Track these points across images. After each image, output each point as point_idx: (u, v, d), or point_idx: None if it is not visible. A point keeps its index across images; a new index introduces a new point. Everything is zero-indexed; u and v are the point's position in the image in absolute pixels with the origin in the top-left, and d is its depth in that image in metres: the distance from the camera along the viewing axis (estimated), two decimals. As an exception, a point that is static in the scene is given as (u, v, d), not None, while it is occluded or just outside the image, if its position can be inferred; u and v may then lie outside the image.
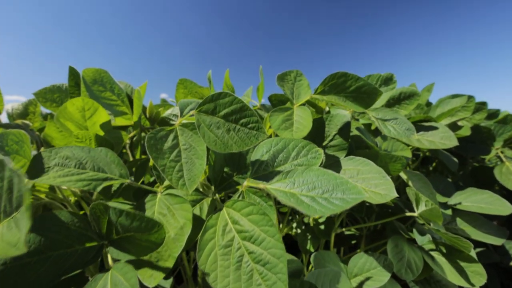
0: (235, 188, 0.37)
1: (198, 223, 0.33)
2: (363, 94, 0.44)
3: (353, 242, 0.66)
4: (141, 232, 0.26)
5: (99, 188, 0.29)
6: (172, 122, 0.50)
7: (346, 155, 0.51)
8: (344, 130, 0.51)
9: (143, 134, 0.50)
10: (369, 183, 0.42)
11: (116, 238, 0.29)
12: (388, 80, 0.51)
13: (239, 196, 0.33)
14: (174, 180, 0.30)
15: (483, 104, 0.84)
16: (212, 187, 0.39)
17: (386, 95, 0.50)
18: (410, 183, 0.48)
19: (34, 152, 0.33)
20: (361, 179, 0.44)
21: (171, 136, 0.34)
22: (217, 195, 0.37)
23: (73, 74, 0.43)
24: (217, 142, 0.31)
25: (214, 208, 0.37)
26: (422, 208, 0.42)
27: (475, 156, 0.69)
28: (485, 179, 0.73)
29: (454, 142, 0.55)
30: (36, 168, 0.29)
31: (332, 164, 0.49)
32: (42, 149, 0.37)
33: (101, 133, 0.41)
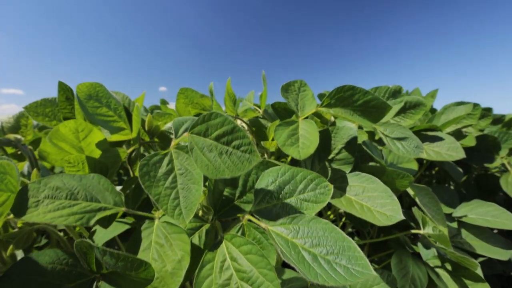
0: (236, 215, 0.36)
1: (197, 253, 0.32)
2: (371, 109, 0.42)
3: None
4: (128, 271, 0.24)
5: (92, 221, 0.28)
6: (171, 137, 0.48)
7: (352, 169, 0.50)
8: (351, 144, 0.49)
9: (142, 148, 0.48)
10: (375, 202, 0.41)
11: (107, 272, 0.27)
12: (396, 93, 0.49)
13: (239, 230, 0.32)
14: (170, 210, 0.28)
15: (489, 110, 0.83)
16: (212, 211, 0.38)
17: (394, 108, 0.49)
18: (417, 199, 0.47)
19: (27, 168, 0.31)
20: (367, 197, 0.42)
21: (165, 160, 0.32)
22: (217, 221, 0.36)
23: (63, 89, 0.40)
24: (209, 166, 0.29)
25: (214, 235, 0.35)
26: (429, 229, 0.42)
27: (480, 165, 0.68)
28: (489, 187, 0.73)
29: (461, 154, 0.53)
30: (23, 203, 0.27)
31: (338, 179, 0.48)
32: (34, 172, 0.36)
33: (98, 152, 0.39)
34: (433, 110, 0.83)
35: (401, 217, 0.37)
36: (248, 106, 0.74)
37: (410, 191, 0.47)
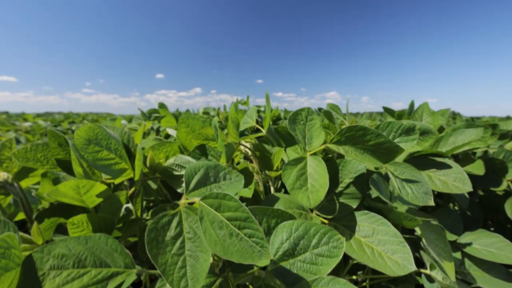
0: (250, 270, 0.35)
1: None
2: (383, 150, 0.41)
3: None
4: None
5: (104, 295, 0.27)
6: (175, 173, 0.46)
7: (359, 204, 0.49)
8: (359, 180, 0.48)
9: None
10: (386, 247, 0.40)
11: None
12: (410, 131, 0.47)
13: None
14: (176, 281, 0.27)
15: (495, 126, 0.82)
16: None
17: (406, 148, 0.47)
18: (423, 240, 0.46)
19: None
20: (377, 240, 0.42)
21: (174, 222, 0.31)
22: (230, 273, 0.35)
23: (54, 136, 0.38)
24: (217, 243, 0.28)
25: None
26: (437, 275, 0.41)
27: (486, 188, 0.67)
28: (492, 208, 0.73)
29: (467, 187, 0.53)
30: (28, 279, 0.26)
31: (346, 216, 0.47)
32: (33, 228, 0.34)
33: (98, 200, 0.38)
34: (441, 129, 0.82)
35: (414, 267, 0.37)
36: (250, 125, 0.72)
37: (418, 230, 0.47)
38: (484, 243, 0.55)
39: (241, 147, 0.60)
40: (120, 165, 0.41)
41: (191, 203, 0.33)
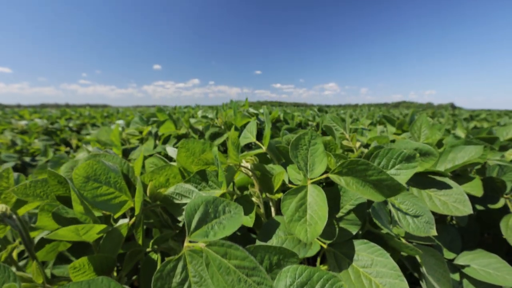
0: None
1: None
2: (384, 186, 0.40)
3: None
4: None
5: None
6: (176, 201, 0.46)
7: (359, 230, 0.49)
8: (360, 208, 0.48)
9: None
10: (384, 280, 0.41)
11: None
12: (410, 158, 0.47)
13: None
14: None
15: (494, 140, 0.82)
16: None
17: (406, 176, 0.47)
18: (424, 267, 0.47)
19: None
20: (376, 271, 0.42)
21: (179, 267, 0.31)
22: None
23: (53, 175, 0.38)
24: None
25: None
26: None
27: (483, 205, 0.68)
28: (490, 222, 0.74)
29: (468, 210, 0.53)
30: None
31: (345, 243, 0.47)
32: (33, 266, 0.34)
33: (99, 235, 0.37)
34: (439, 143, 0.81)
35: (410, 303, 0.37)
36: (251, 140, 0.71)
37: (418, 257, 0.47)
38: (482, 263, 0.56)
39: (242, 168, 0.60)
40: (120, 198, 0.41)
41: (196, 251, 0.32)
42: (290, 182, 0.60)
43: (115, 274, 0.41)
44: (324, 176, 0.46)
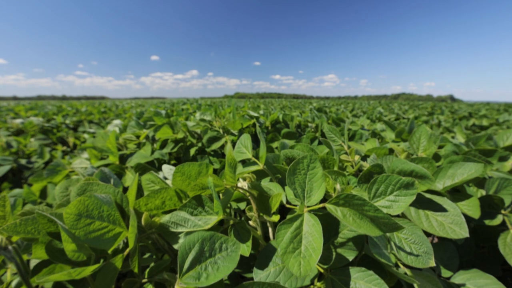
0: None
1: None
2: (381, 223, 0.40)
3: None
4: None
5: None
6: (171, 229, 0.45)
7: (357, 255, 0.49)
8: (358, 240, 0.48)
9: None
10: (381, 311, 0.41)
11: None
12: (409, 185, 0.46)
13: None
14: None
15: (493, 152, 0.81)
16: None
17: (405, 203, 0.46)
18: (420, 295, 0.47)
19: None
20: (372, 302, 0.42)
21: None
22: None
23: (42, 216, 0.37)
24: None
25: None
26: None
27: (481, 222, 0.68)
28: (486, 236, 0.74)
29: (464, 233, 0.53)
30: None
31: (342, 269, 0.47)
32: None
33: (94, 271, 0.37)
34: (436, 157, 0.81)
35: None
36: (246, 157, 0.70)
37: (415, 286, 0.47)
38: (478, 284, 0.56)
39: (239, 184, 0.59)
40: (114, 231, 0.40)
41: None
42: (288, 202, 0.60)
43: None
44: (322, 205, 0.46)
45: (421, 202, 0.60)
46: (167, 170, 0.60)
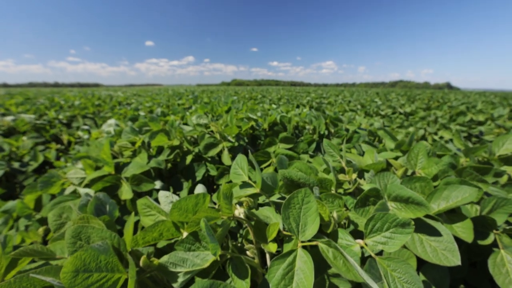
0: None
1: None
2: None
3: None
4: None
5: None
6: (170, 269, 0.46)
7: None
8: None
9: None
10: None
11: None
12: (405, 225, 0.47)
13: None
14: None
15: (488, 170, 0.82)
16: None
17: (401, 241, 0.47)
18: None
19: None
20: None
21: None
22: None
23: (34, 279, 0.36)
24: None
25: None
26: None
27: (474, 241, 0.70)
28: (477, 253, 0.76)
29: (456, 260, 0.54)
30: None
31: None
32: None
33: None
34: (434, 177, 0.81)
35: None
36: (243, 179, 0.70)
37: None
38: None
39: (236, 212, 0.59)
40: (113, 278, 0.40)
41: None
42: (284, 228, 0.60)
43: None
44: (314, 243, 0.46)
45: (416, 226, 0.61)
46: (163, 198, 0.60)
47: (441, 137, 2.24)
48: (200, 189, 0.76)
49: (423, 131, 2.29)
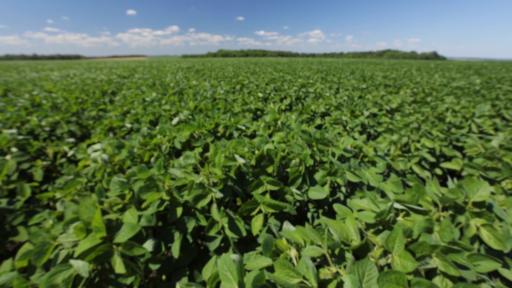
0: None
1: None
2: None
3: None
4: None
5: None
6: None
7: None
8: None
9: None
10: None
11: None
12: None
13: None
14: None
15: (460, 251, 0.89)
16: None
17: None
18: None
19: None
20: None
21: None
22: None
23: None
24: None
25: None
26: None
27: None
28: None
29: None
30: None
31: None
32: None
33: None
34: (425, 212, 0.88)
35: None
36: (232, 286, 0.75)
37: None
38: None
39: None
40: None
41: None
42: None
43: None
44: None
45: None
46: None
47: (423, 145, 2.32)
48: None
49: (406, 138, 2.37)
